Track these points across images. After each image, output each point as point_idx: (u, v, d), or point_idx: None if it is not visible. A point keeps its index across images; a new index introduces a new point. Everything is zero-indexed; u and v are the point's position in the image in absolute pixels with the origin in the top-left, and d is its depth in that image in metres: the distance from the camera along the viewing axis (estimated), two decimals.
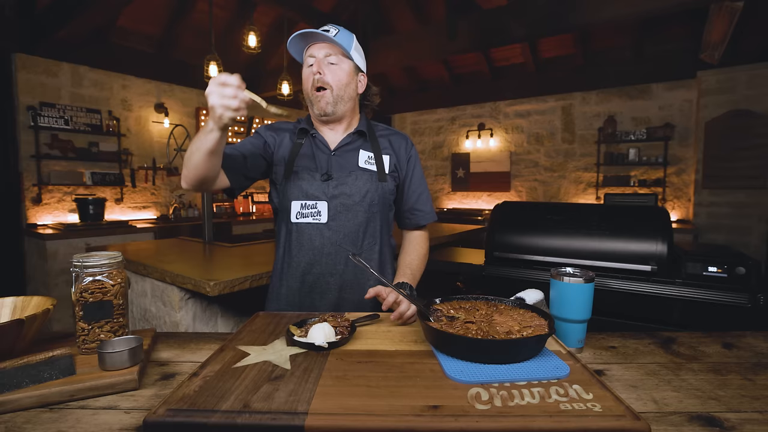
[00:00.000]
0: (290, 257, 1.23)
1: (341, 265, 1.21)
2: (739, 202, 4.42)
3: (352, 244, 1.22)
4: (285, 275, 1.25)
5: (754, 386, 0.75)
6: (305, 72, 1.21)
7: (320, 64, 1.17)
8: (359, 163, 1.24)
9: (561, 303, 0.93)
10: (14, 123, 3.98)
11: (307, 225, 1.21)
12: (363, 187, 1.22)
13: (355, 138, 1.27)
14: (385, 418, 0.58)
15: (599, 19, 3.47)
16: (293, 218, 1.22)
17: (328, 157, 1.23)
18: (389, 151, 1.29)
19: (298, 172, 1.21)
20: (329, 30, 1.17)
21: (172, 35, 4.92)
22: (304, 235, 1.21)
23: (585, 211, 1.96)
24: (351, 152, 1.25)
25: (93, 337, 0.85)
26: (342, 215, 1.20)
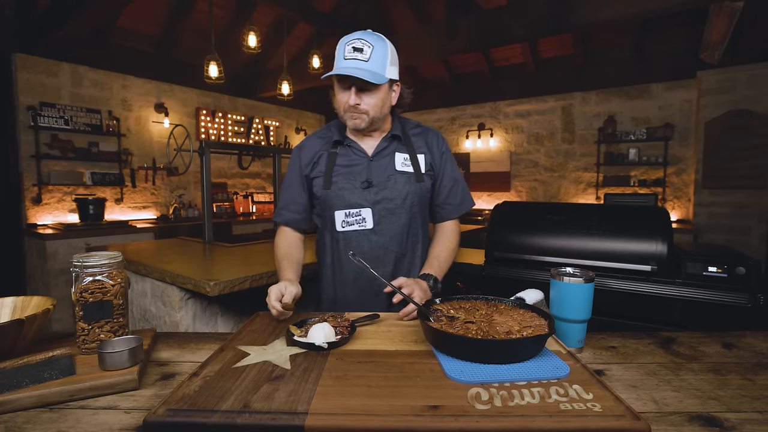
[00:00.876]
0: (341, 265, 1.27)
1: (390, 266, 1.26)
2: (739, 202, 4.42)
3: (398, 246, 1.27)
4: (338, 283, 1.29)
5: (754, 386, 0.75)
6: (339, 92, 1.18)
7: (356, 96, 1.15)
8: (396, 166, 1.26)
9: (561, 303, 0.93)
10: (14, 123, 3.98)
11: (354, 232, 1.25)
12: (403, 190, 1.25)
13: (390, 142, 1.28)
14: (385, 418, 0.58)
15: (599, 19, 3.47)
16: (339, 227, 1.25)
17: (367, 163, 1.26)
18: (424, 150, 1.31)
19: (338, 182, 1.24)
20: (362, 50, 1.11)
21: (172, 35, 4.92)
22: (351, 243, 1.25)
23: (585, 211, 1.96)
24: (388, 156, 1.27)
25: (93, 337, 0.85)
26: (386, 219, 1.25)
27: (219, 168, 5.84)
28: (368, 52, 1.11)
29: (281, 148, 6.44)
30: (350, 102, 1.15)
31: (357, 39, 1.12)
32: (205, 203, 2.66)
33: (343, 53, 1.12)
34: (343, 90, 1.17)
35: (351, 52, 1.11)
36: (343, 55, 1.12)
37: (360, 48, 1.11)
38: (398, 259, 1.27)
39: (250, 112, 6.21)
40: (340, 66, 1.11)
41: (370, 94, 1.15)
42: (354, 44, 1.11)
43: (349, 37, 1.13)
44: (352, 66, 1.10)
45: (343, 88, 1.16)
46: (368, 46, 1.11)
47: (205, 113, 5.55)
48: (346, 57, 1.11)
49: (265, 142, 6.27)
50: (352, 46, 1.11)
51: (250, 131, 6.09)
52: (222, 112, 5.74)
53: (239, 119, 5.97)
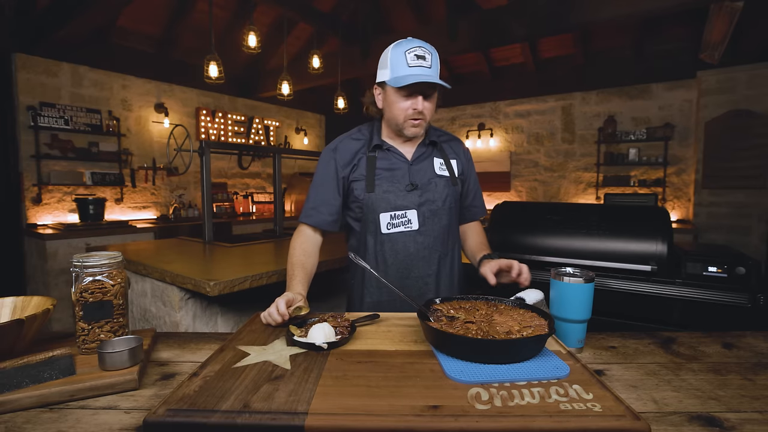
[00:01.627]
0: (386, 266, 1.28)
1: (435, 266, 1.30)
2: (739, 202, 4.42)
3: (441, 246, 1.31)
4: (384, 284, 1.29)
5: (754, 386, 0.75)
6: (400, 100, 1.19)
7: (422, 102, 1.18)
8: (435, 170, 1.31)
9: (561, 303, 0.93)
10: (14, 123, 3.97)
11: (399, 234, 1.27)
12: (443, 192, 1.29)
13: (427, 147, 1.33)
14: (385, 418, 0.58)
15: (599, 18, 3.47)
16: (384, 229, 1.27)
17: (408, 167, 1.29)
18: (454, 156, 1.38)
19: (381, 185, 1.26)
20: (425, 57, 1.14)
21: (172, 35, 4.92)
22: (398, 244, 1.27)
23: (585, 211, 1.96)
24: (426, 161, 1.31)
25: (93, 337, 0.85)
26: (430, 221, 1.28)
27: (219, 168, 5.84)
28: (430, 60, 1.15)
29: (281, 148, 6.44)
30: (418, 108, 1.18)
31: (418, 47, 1.15)
32: (205, 203, 2.66)
33: (405, 61, 1.14)
34: (406, 98, 1.18)
35: (415, 60, 1.13)
36: (406, 63, 1.14)
37: (422, 56, 1.14)
38: (441, 259, 1.31)
39: (250, 112, 6.21)
40: (411, 73, 1.13)
41: (431, 100, 1.20)
42: (416, 52, 1.14)
43: (408, 44, 1.16)
44: (421, 73, 1.13)
45: (406, 96, 1.18)
46: (428, 53, 1.15)
47: (205, 113, 5.55)
48: (411, 65, 1.13)
49: (265, 142, 6.28)
50: (415, 54, 1.14)
51: (250, 131, 6.09)
52: (222, 112, 5.74)
53: (239, 119, 5.97)
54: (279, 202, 3.04)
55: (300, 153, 3.43)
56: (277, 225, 3.06)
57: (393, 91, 1.19)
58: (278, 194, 3.05)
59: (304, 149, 6.94)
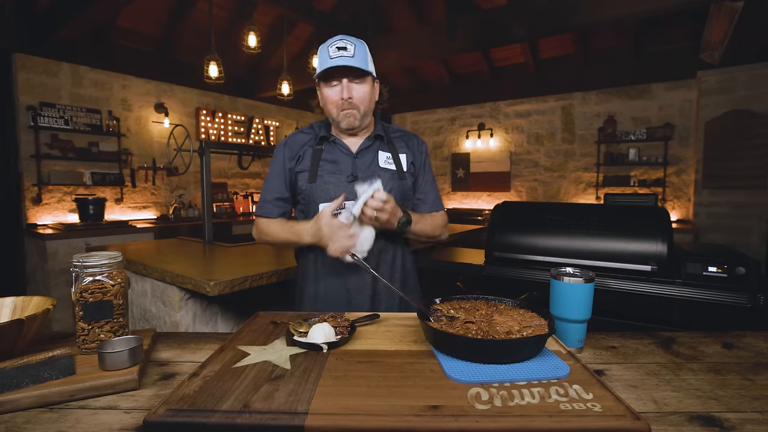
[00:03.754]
0: (324, 258, 1.28)
1: (373, 261, 1.28)
2: (739, 202, 4.42)
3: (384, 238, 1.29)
4: (322, 277, 1.31)
5: (754, 386, 0.75)
6: (329, 92, 1.23)
7: (348, 88, 1.20)
8: (380, 163, 1.32)
9: (561, 303, 0.93)
10: (14, 123, 3.97)
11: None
12: (386, 186, 1.28)
13: (373, 141, 1.33)
14: (385, 418, 0.58)
15: (599, 19, 3.47)
16: None
17: (352, 159, 1.30)
18: (405, 150, 1.37)
19: (323, 176, 1.27)
20: (346, 48, 1.18)
21: (172, 35, 4.92)
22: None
23: (585, 211, 1.96)
24: (371, 154, 1.32)
25: (93, 337, 0.85)
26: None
27: (219, 168, 5.84)
28: (352, 50, 1.18)
29: None
30: (344, 95, 1.20)
31: (339, 40, 1.19)
32: (205, 203, 2.66)
33: (328, 54, 1.18)
34: (333, 87, 1.22)
35: (336, 51, 1.17)
36: (328, 55, 1.18)
37: (344, 47, 1.18)
38: (382, 253, 1.30)
39: (250, 112, 6.21)
40: (330, 64, 1.17)
41: (360, 85, 1.22)
42: (337, 44, 1.18)
43: (330, 40, 1.20)
44: (341, 62, 1.16)
45: (333, 86, 1.22)
46: (350, 44, 1.19)
47: (205, 113, 5.55)
48: (332, 56, 1.17)
49: (265, 142, 6.27)
50: (336, 46, 1.18)
51: (250, 131, 6.09)
52: (222, 112, 5.74)
53: (239, 119, 5.97)
54: None
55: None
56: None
57: (322, 84, 1.24)
58: None
59: None
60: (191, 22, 4.87)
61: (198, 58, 4.34)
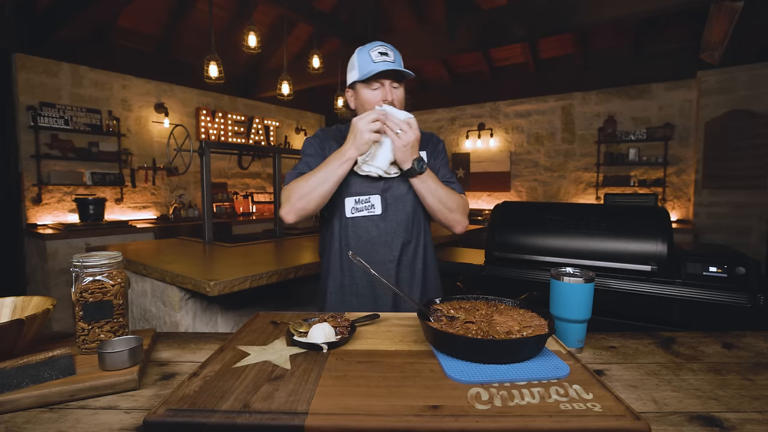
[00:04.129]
0: (349, 250, 1.32)
1: (397, 252, 1.32)
2: (739, 202, 4.42)
3: (404, 232, 1.33)
4: (346, 267, 1.34)
5: (754, 386, 0.75)
6: (370, 94, 1.28)
7: (390, 91, 1.27)
8: None
9: (561, 303, 0.93)
10: (14, 123, 3.98)
11: (363, 218, 1.32)
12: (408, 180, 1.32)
13: None
14: (385, 418, 0.58)
15: (599, 19, 3.47)
16: (348, 213, 1.32)
17: None
18: (423, 147, 1.41)
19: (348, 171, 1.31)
20: (388, 54, 1.25)
21: (172, 35, 4.93)
22: (360, 228, 1.32)
23: (585, 211, 1.96)
24: None
25: (93, 337, 0.85)
26: (393, 206, 1.32)
27: (219, 168, 5.84)
28: (392, 56, 1.26)
29: (281, 148, 6.44)
30: (387, 97, 1.25)
31: (380, 45, 1.26)
32: (205, 203, 2.66)
33: (370, 58, 1.24)
34: (375, 90, 1.27)
35: (379, 56, 1.24)
36: (371, 59, 1.24)
37: (385, 52, 1.25)
38: (405, 245, 1.34)
39: (250, 112, 6.21)
40: (374, 68, 1.22)
41: (399, 89, 1.29)
42: (379, 50, 1.25)
43: (368, 46, 1.27)
44: (386, 67, 1.22)
45: (374, 88, 1.27)
46: (391, 51, 1.27)
47: (205, 113, 5.55)
48: (376, 60, 1.23)
49: (265, 142, 6.28)
50: (378, 51, 1.25)
51: (250, 131, 6.09)
52: (222, 112, 5.74)
53: (239, 119, 5.97)
54: (279, 202, 3.04)
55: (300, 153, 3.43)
56: (277, 225, 3.06)
57: (362, 86, 1.28)
58: (278, 194, 3.05)
59: None
60: (191, 22, 4.87)
61: (198, 58, 4.34)
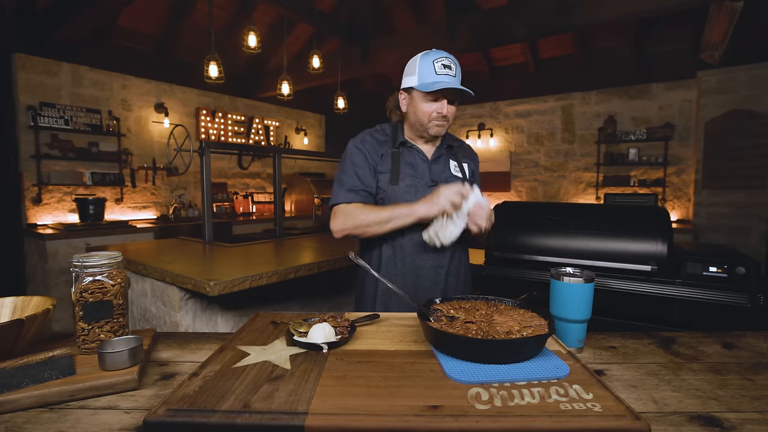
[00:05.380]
0: (404, 254, 1.36)
1: (447, 258, 1.38)
2: (739, 202, 4.42)
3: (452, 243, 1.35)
4: (399, 271, 1.37)
5: (754, 386, 0.75)
6: (426, 105, 1.29)
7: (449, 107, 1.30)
8: (451, 170, 1.42)
9: (561, 303, 0.93)
10: (14, 123, 3.97)
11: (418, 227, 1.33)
12: None
13: (444, 150, 1.44)
14: (385, 418, 0.58)
15: (599, 19, 3.47)
16: None
17: (428, 165, 1.39)
18: (466, 160, 1.49)
19: (405, 179, 1.35)
20: (451, 67, 1.26)
21: (172, 35, 4.92)
22: (416, 236, 1.34)
23: (585, 211, 1.96)
24: (444, 161, 1.43)
25: (93, 337, 0.85)
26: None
27: (219, 168, 5.84)
28: (455, 69, 1.27)
29: (281, 148, 6.44)
30: (444, 112, 1.29)
31: (444, 57, 1.27)
32: (205, 203, 2.66)
33: (433, 69, 1.25)
34: (432, 101, 1.29)
35: (442, 69, 1.25)
36: (434, 70, 1.25)
37: (449, 65, 1.26)
38: (453, 253, 1.39)
39: (250, 112, 6.20)
40: (439, 80, 1.24)
41: (454, 105, 1.31)
42: (443, 62, 1.26)
43: (435, 54, 1.27)
44: (448, 81, 1.24)
45: (433, 100, 1.28)
46: (454, 63, 1.28)
47: (205, 113, 5.55)
48: (439, 73, 1.25)
49: (265, 142, 6.27)
50: (442, 63, 1.26)
51: (250, 131, 6.09)
52: (222, 112, 5.74)
53: (239, 119, 5.97)
54: (279, 202, 3.04)
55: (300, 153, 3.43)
56: (277, 225, 3.06)
57: (421, 95, 1.29)
58: (278, 194, 3.05)
59: (304, 149, 6.94)
60: (191, 22, 4.87)
61: (198, 58, 4.33)
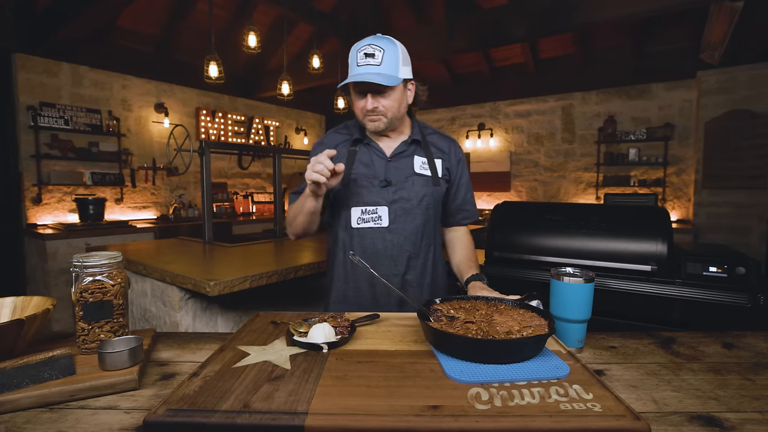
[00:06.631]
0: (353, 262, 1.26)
1: (402, 266, 1.28)
2: (739, 202, 4.42)
3: (412, 246, 1.28)
4: (351, 278, 1.30)
5: (754, 386, 0.75)
6: (357, 100, 1.22)
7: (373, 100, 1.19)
8: (415, 168, 1.29)
9: (561, 303, 0.93)
10: (14, 123, 3.97)
11: (369, 230, 1.26)
12: (420, 192, 1.27)
13: (409, 145, 1.30)
14: (385, 418, 0.58)
15: (599, 19, 3.47)
16: (354, 224, 1.27)
17: (386, 163, 1.28)
18: (441, 155, 1.34)
19: (356, 180, 1.26)
20: (374, 55, 1.14)
21: (172, 35, 4.92)
22: (366, 240, 1.27)
23: (585, 211, 1.96)
24: (406, 158, 1.29)
25: (93, 337, 0.85)
26: (401, 219, 1.26)
27: (219, 168, 5.84)
28: (379, 57, 1.15)
29: (281, 148, 6.44)
30: (367, 106, 1.19)
31: (368, 45, 1.16)
32: (205, 203, 2.66)
33: (356, 60, 1.16)
34: (360, 95, 1.21)
35: (363, 59, 1.15)
36: (356, 62, 1.16)
37: (371, 53, 1.15)
38: (411, 259, 1.28)
39: (250, 112, 6.20)
40: (354, 73, 1.16)
41: (386, 96, 1.19)
42: (365, 50, 1.15)
43: (361, 43, 1.17)
44: (365, 72, 1.14)
45: (359, 93, 1.21)
46: (379, 50, 1.15)
47: (205, 113, 5.55)
48: (359, 63, 1.16)
49: (265, 142, 6.27)
50: (364, 53, 1.15)
51: (250, 131, 6.09)
52: (222, 112, 5.74)
53: (239, 119, 5.97)
54: (279, 202, 3.04)
55: (300, 153, 3.43)
56: (277, 225, 3.06)
57: (351, 89, 1.22)
58: (278, 194, 3.05)
59: (304, 149, 6.93)
60: (191, 22, 4.87)
61: (198, 58, 4.33)
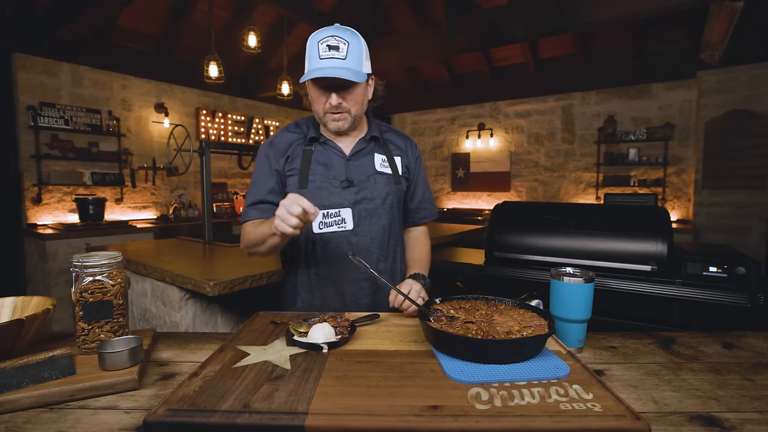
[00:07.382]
0: (317, 269, 1.20)
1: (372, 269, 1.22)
2: (739, 202, 4.42)
3: (379, 248, 1.22)
4: (316, 287, 1.22)
5: (754, 386, 0.75)
6: (315, 93, 1.11)
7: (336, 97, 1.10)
8: (376, 166, 1.22)
9: (561, 303, 0.93)
10: (14, 123, 3.97)
11: (333, 234, 1.18)
12: (383, 190, 1.21)
13: (368, 143, 1.24)
14: (385, 418, 0.58)
15: (599, 19, 3.47)
16: (315, 229, 1.17)
17: (345, 162, 1.20)
18: (399, 153, 1.29)
19: (315, 181, 1.17)
20: (338, 47, 1.04)
21: (172, 35, 4.92)
22: (330, 245, 1.18)
23: (585, 211, 1.96)
24: (366, 156, 1.23)
25: (93, 337, 0.85)
26: (366, 220, 1.19)
27: (219, 168, 5.84)
28: (344, 50, 1.04)
29: None
30: (332, 103, 1.09)
31: (330, 36, 1.04)
32: (205, 203, 2.65)
33: (317, 52, 1.05)
34: (321, 91, 1.10)
35: (326, 51, 1.04)
36: (317, 54, 1.05)
37: (335, 46, 1.04)
38: (380, 262, 1.22)
39: (250, 112, 6.20)
40: (318, 67, 1.04)
41: (351, 92, 1.10)
42: (328, 42, 1.04)
43: (321, 34, 1.06)
44: (330, 66, 1.04)
45: (321, 89, 1.10)
46: (343, 42, 1.04)
47: (205, 113, 5.55)
48: (322, 56, 1.04)
49: None
50: (327, 45, 1.04)
51: (250, 131, 6.09)
52: (222, 112, 5.74)
53: (239, 119, 5.96)
54: None
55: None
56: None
57: (309, 84, 1.12)
58: None
59: None
60: (191, 22, 4.87)
61: (198, 58, 4.33)
